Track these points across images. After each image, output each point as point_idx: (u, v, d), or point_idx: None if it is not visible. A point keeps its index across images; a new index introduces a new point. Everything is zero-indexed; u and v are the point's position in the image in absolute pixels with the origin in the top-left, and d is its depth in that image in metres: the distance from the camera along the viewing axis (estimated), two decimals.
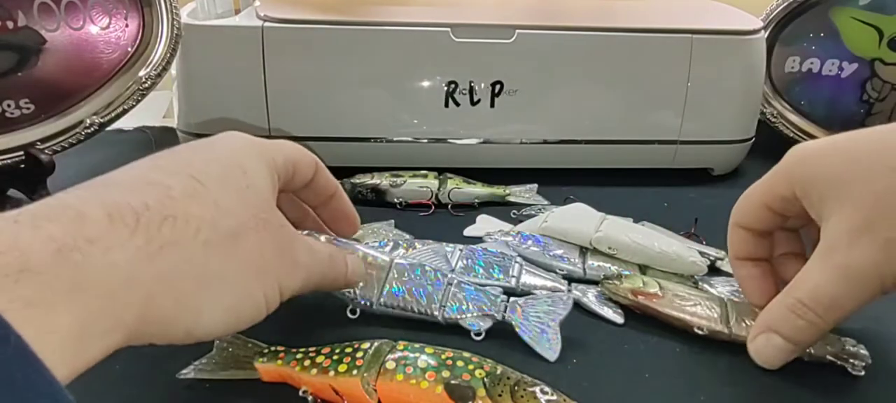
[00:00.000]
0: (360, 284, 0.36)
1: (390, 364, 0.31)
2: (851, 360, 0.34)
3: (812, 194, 0.31)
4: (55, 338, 0.18)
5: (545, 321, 0.36)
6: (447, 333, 0.36)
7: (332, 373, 0.31)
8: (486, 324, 0.36)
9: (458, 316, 0.36)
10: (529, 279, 0.41)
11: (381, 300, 0.37)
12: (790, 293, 0.31)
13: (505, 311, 0.36)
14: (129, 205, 0.22)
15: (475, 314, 0.36)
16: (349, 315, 0.37)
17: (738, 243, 0.37)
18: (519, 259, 0.43)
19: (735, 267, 0.38)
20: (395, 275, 0.38)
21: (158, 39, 0.53)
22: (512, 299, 0.37)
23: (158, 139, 0.65)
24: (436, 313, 0.37)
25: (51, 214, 0.20)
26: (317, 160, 0.34)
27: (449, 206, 0.52)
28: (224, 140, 0.30)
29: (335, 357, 0.32)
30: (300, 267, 0.29)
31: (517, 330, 0.35)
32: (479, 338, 0.36)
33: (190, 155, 0.27)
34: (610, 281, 0.39)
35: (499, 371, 0.31)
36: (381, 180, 0.53)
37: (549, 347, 0.35)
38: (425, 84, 0.54)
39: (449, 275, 0.38)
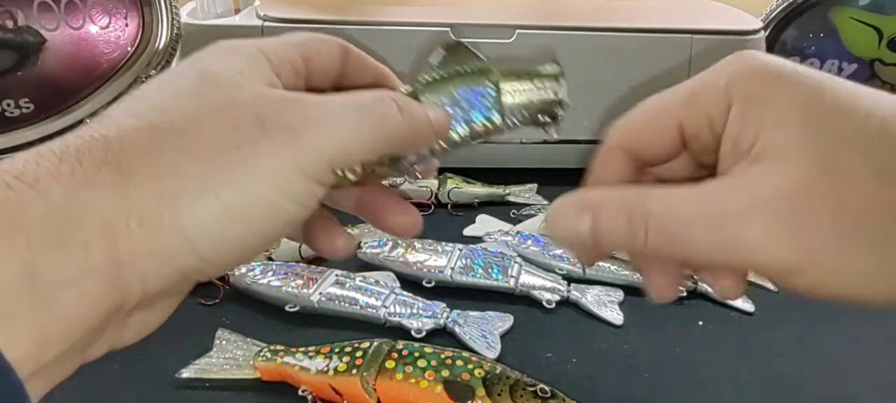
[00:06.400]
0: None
1: (390, 364, 0.31)
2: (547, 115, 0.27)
3: (769, 118, 0.21)
4: None
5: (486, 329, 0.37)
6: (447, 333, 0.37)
7: (331, 373, 0.31)
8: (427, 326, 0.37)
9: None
10: (529, 279, 0.41)
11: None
12: (641, 194, 0.22)
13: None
14: (60, 140, 0.20)
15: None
16: (287, 309, 0.38)
17: (611, 172, 0.26)
18: (518, 259, 0.43)
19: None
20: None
21: (158, 39, 0.53)
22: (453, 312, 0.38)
23: None
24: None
25: None
26: (344, 43, 0.27)
27: (448, 206, 0.52)
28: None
29: (335, 357, 0.32)
30: (312, 125, 0.22)
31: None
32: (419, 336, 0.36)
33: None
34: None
35: (498, 371, 0.31)
36: None
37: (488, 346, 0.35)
38: None
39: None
